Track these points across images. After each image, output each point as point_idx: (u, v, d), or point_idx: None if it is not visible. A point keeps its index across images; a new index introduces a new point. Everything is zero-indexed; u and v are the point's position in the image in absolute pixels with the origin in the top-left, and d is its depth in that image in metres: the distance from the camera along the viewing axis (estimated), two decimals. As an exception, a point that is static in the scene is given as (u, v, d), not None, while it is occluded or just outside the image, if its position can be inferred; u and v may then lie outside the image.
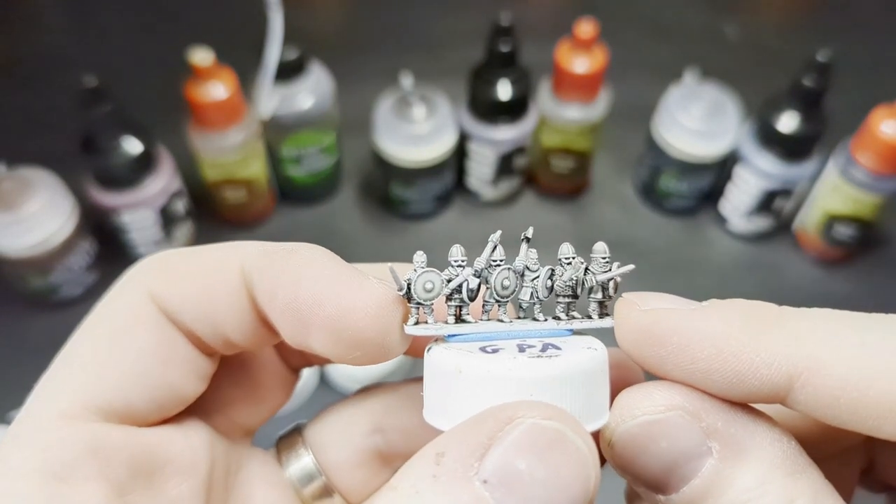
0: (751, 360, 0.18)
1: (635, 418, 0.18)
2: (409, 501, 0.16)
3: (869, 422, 0.17)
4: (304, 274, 0.19)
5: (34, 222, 0.55)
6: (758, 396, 0.18)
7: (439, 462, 0.16)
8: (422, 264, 0.20)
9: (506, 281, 0.20)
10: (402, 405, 0.24)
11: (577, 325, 0.21)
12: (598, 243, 0.21)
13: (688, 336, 0.18)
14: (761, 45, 0.85)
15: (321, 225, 0.69)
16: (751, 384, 0.18)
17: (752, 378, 0.18)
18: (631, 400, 0.19)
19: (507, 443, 0.16)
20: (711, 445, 0.18)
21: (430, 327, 0.20)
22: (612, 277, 0.21)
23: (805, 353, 0.17)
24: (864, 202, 0.61)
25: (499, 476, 0.16)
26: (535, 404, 0.17)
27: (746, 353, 0.18)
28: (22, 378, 0.24)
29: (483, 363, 0.18)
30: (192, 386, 0.21)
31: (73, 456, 0.18)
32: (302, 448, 0.24)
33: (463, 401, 0.18)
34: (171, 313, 0.20)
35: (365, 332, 0.19)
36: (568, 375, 0.18)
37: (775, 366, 0.17)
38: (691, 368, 0.18)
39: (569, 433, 0.16)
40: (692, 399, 0.18)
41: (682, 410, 0.18)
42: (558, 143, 0.66)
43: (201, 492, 0.21)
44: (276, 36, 0.58)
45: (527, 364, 0.18)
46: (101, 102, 0.54)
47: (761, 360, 0.18)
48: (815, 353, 0.17)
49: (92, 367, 0.20)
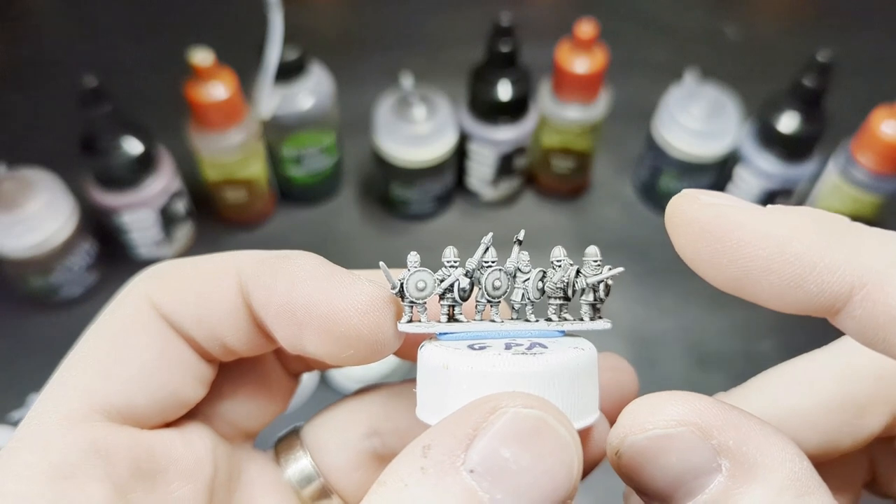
0: (814, 263, 0.17)
1: (645, 431, 0.18)
2: (399, 495, 0.16)
3: None
4: (297, 277, 0.20)
5: (34, 222, 0.55)
6: (812, 304, 0.17)
7: (426, 455, 0.16)
8: (415, 264, 0.20)
9: (497, 282, 0.21)
10: (398, 407, 0.24)
11: (569, 326, 0.21)
12: (589, 247, 0.22)
13: (750, 232, 0.17)
14: (761, 45, 0.85)
15: (321, 225, 0.69)
16: (809, 289, 0.17)
17: (811, 283, 0.17)
18: (641, 412, 0.18)
19: (492, 432, 0.16)
20: (721, 462, 0.17)
21: (422, 325, 0.20)
22: (604, 280, 0.21)
23: (872, 265, 0.16)
24: (864, 202, 0.61)
25: (485, 465, 0.16)
26: (517, 395, 0.17)
27: (810, 256, 0.17)
28: (22, 378, 0.24)
29: (468, 359, 0.19)
30: (194, 390, 0.22)
31: (78, 456, 0.19)
32: (300, 450, 0.25)
33: (449, 396, 0.19)
34: (172, 320, 0.21)
35: (357, 329, 0.20)
36: (551, 372, 0.18)
37: (839, 273, 0.17)
38: (749, 266, 0.17)
39: (551, 420, 0.17)
40: (704, 415, 0.18)
41: (693, 427, 0.18)
42: (558, 143, 0.66)
43: (204, 495, 0.22)
44: (276, 36, 0.58)
45: (511, 360, 0.18)
46: (101, 102, 0.54)
47: (825, 265, 0.17)
48: (882, 268, 0.16)
49: (96, 370, 0.20)
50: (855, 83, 0.68)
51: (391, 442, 0.25)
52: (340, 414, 0.25)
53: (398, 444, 0.24)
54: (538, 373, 0.18)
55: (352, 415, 0.25)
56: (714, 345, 0.62)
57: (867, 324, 0.17)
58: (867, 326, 0.17)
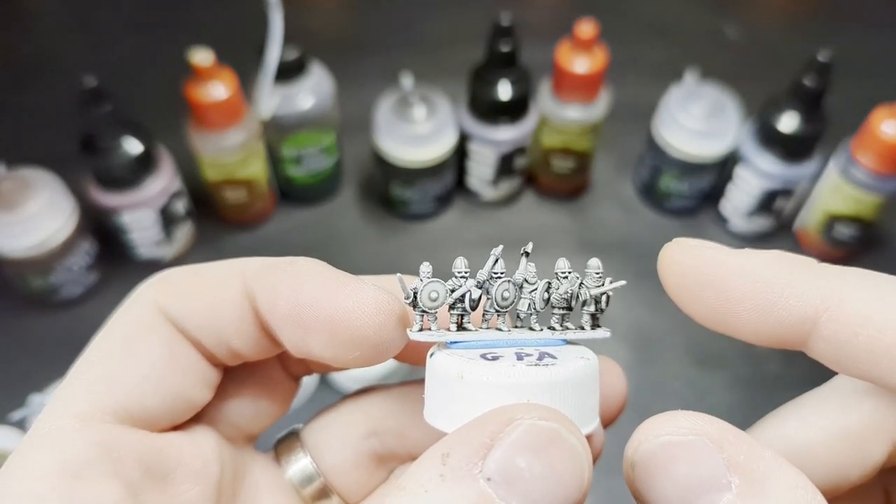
0: (782, 290, 0.19)
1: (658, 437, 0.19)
2: (419, 500, 0.17)
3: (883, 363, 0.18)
4: (303, 281, 0.21)
5: (34, 222, 0.55)
6: (784, 330, 0.19)
7: (445, 462, 0.17)
8: (427, 274, 0.21)
9: (506, 293, 0.21)
10: (397, 408, 0.25)
11: (571, 335, 0.22)
12: (592, 259, 0.22)
13: (728, 268, 0.20)
14: (761, 45, 0.85)
15: (321, 225, 0.69)
16: (779, 315, 0.19)
17: (780, 308, 0.19)
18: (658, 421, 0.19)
19: (508, 443, 0.17)
20: (731, 480, 0.18)
21: (434, 334, 0.21)
22: (605, 292, 0.22)
23: (833, 289, 0.19)
24: (864, 202, 0.61)
25: (501, 474, 0.17)
26: (532, 406, 0.18)
27: (779, 285, 0.19)
28: (22, 378, 0.24)
29: (484, 370, 0.19)
30: (201, 393, 0.22)
31: (89, 456, 0.19)
32: (300, 451, 0.25)
33: (465, 404, 0.19)
34: (180, 325, 0.22)
35: (362, 331, 0.20)
36: (562, 382, 0.19)
37: (804, 297, 0.19)
38: (728, 297, 0.20)
39: (564, 432, 0.17)
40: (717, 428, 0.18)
41: (705, 436, 0.18)
42: (558, 143, 0.66)
43: (212, 496, 0.22)
44: (276, 36, 0.58)
45: (525, 371, 0.19)
46: (101, 102, 0.54)
47: (791, 291, 0.19)
48: (843, 291, 0.19)
49: (106, 373, 0.21)
50: (855, 83, 0.68)
51: (389, 442, 0.25)
52: (340, 415, 0.26)
53: (396, 444, 0.25)
54: (550, 383, 0.19)
55: (351, 416, 0.25)
56: (714, 345, 0.62)
57: (835, 344, 0.19)
58: (835, 347, 0.19)
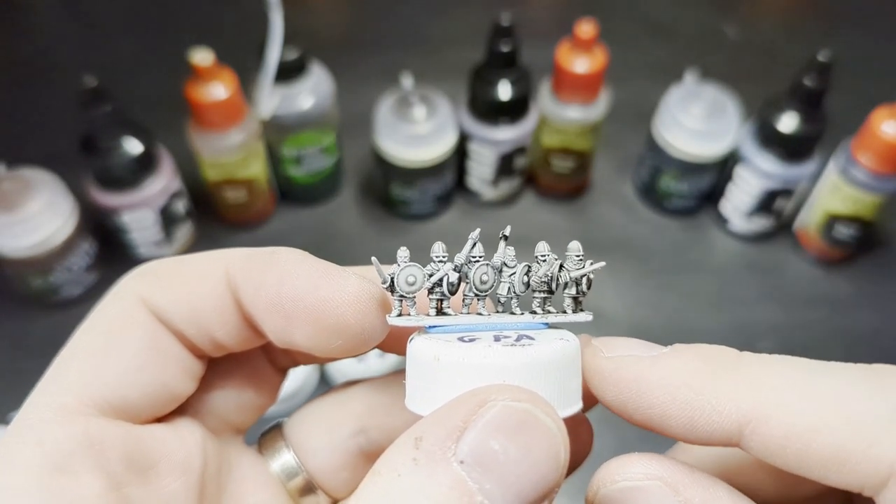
0: (702, 407, 0.19)
1: (615, 483, 0.19)
2: (392, 485, 0.17)
3: (815, 471, 0.18)
4: (284, 271, 0.21)
5: (34, 222, 0.55)
6: (711, 441, 0.19)
7: (418, 446, 0.17)
8: (404, 259, 0.20)
9: (484, 276, 0.21)
10: (384, 403, 0.25)
11: (552, 319, 0.22)
12: (572, 242, 0.22)
13: (645, 383, 0.20)
14: (761, 45, 0.85)
15: (321, 225, 0.69)
16: (703, 430, 0.19)
17: (703, 425, 0.19)
18: (614, 466, 0.20)
19: (481, 425, 0.17)
20: None
21: (412, 319, 0.21)
22: (586, 274, 0.22)
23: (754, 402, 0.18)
24: (864, 202, 0.61)
25: (474, 457, 0.17)
26: (506, 387, 0.18)
27: (698, 402, 0.19)
28: (22, 378, 0.24)
29: (459, 351, 0.19)
30: (184, 385, 0.22)
31: (72, 449, 0.19)
32: (283, 446, 0.25)
33: (440, 387, 0.19)
34: (162, 317, 0.22)
35: (345, 319, 0.20)
36: (540, 363, 0.19)
37: (725, 413, 0.18)
38: (649, 413, 0.20)
39: (538, 413, 0.17)
40: (672, 471, 0.19)
41: (661, 481, 0.19)
42: (558, 143, 0.66)
43: (195, 489, 0.22)
44: (276, 36, 0.58)
45: (500, 352, 0.19)
46: (101, 102, 0.54)
47: (712, 407, 0.19)
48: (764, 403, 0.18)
49: (89, 365, 0.21)
50: (855, 83, 0.68)
51: (377, 437, 0.25)
52: (323, 407, 0.26)
53: (384, 440, 0.25)
54: (527, 364, 0.19)
55: (334, 407, 0.25)
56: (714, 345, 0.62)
57: (764, 453, 0.18)
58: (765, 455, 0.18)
